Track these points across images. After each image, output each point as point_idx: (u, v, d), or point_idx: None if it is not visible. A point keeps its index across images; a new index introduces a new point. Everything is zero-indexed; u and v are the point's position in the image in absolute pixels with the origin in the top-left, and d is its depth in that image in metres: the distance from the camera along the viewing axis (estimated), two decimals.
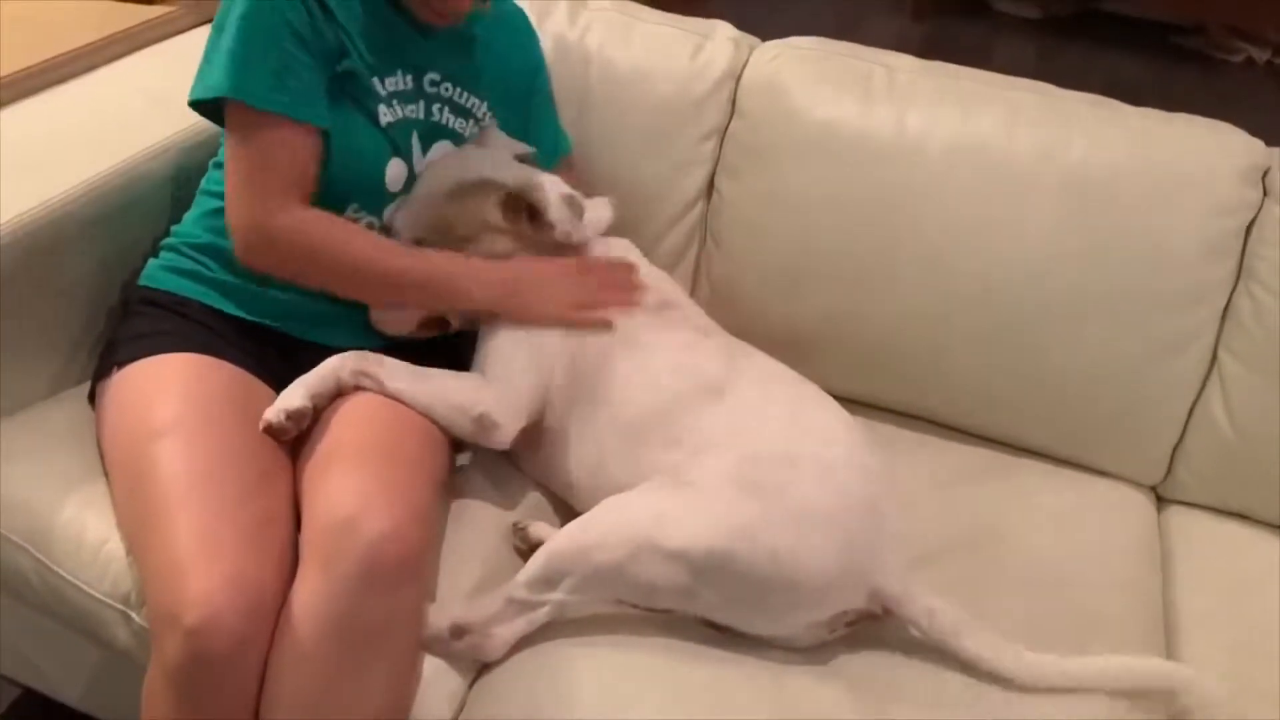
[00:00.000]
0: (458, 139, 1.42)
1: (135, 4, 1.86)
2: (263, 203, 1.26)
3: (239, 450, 1.20)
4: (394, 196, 1.36)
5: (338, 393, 1.27)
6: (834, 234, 1.52)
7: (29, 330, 1.40)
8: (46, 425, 1.37)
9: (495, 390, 1.29)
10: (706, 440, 1.24)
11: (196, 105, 1.31)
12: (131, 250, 1.49)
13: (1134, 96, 1.55)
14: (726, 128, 1.58)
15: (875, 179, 1.50)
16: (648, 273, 1.43)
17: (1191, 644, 1.33)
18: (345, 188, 1.33)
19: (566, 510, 1.34)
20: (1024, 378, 1.50)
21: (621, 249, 1.44)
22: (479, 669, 1.20)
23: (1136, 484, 1.53)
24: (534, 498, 1.38)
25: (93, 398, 1.36)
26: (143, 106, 1.58)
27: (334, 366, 1.26)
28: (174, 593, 1.07)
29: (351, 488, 1.14)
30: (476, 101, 1.44)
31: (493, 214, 1.34)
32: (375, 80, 1.33)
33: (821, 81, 1.55)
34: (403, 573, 1.11)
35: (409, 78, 1.37)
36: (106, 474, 1.27)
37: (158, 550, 1.11)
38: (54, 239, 1.39)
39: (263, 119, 1.25)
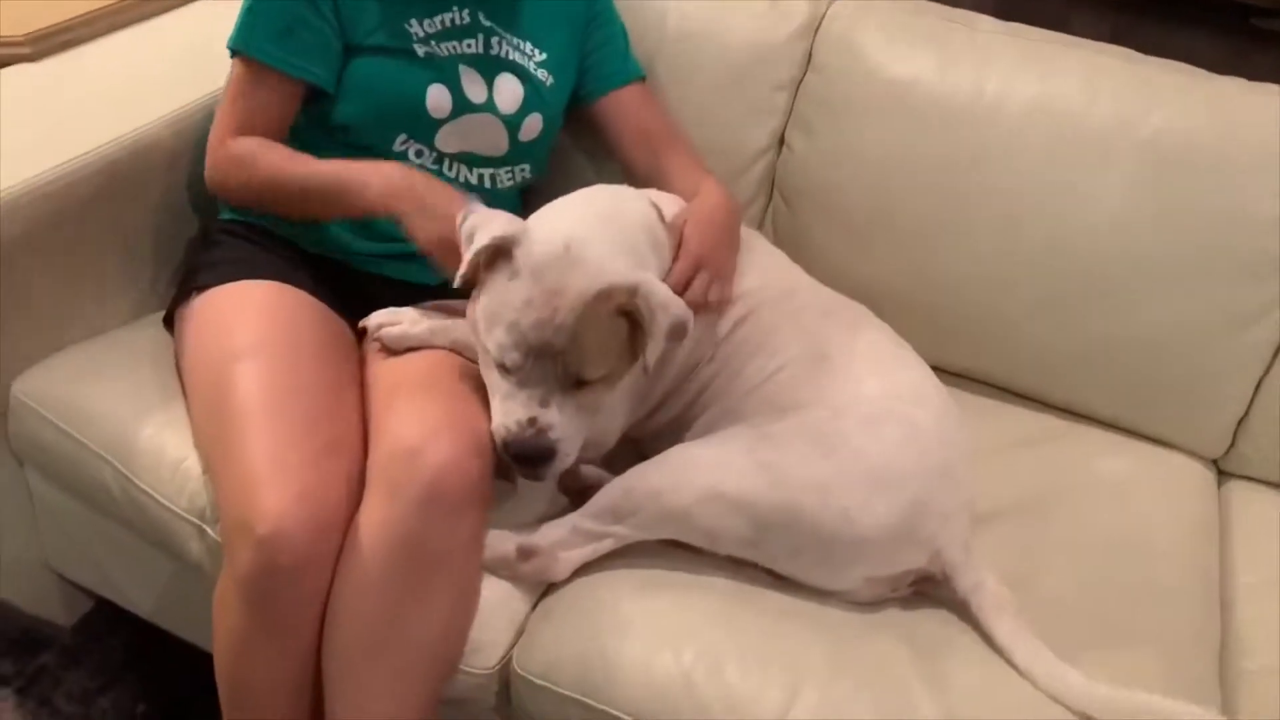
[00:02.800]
0: (522, 72, 1.43)
1: None
2: (230, 132, 1.33)
3: (313, 376, 1.23)
4: (440, 123, 1.38)
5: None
6: (905, 194, 1.52)
7: (114, 256, 1.45)
8: (130, 348, 1.41)
9: (594, 434, 1.26)
10: (797, 400, 1.25)
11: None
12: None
13: None
14: (801, 81, 1.57)
15: (950, 139, 1.49)
16: (769, 259, 1.42)
17: (1246, 619, 1.32)
18: (391, 116, 1.36)
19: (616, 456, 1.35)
20: (1089, 344, 1.49)
21: (747, 235, 1.42)
22: (539, 597, 1.23)
23: (1198, 456, 1.52)
24: None
25: (169, 323, 1.40)
26: (221, 47, 1.61)
27: (460, 335, 1.28)
28: (247, 505, 1.11)
29: (416, 419, 1.17)
30: (522, 41, 1.45)
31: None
32: (408, 24, 1.37)
33: (899, 38, 1.53)
34: (464, 500, 1.14)
35: (464, 13, 1.40)
36: (185, 394, 1.32)
37: (233, 465, 1.15)
38: (138, 168, 1.43)
39: (256, 69, 1.33)
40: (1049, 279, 1.48)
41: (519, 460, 1.15)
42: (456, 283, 1.16)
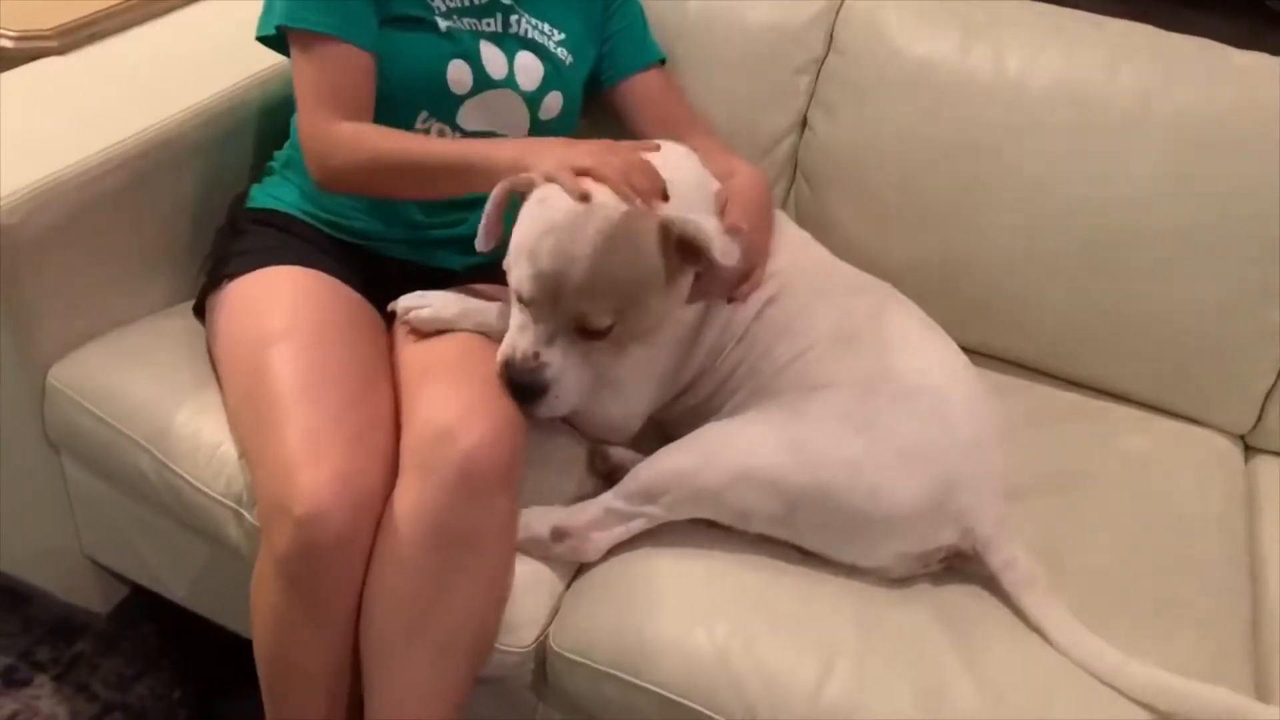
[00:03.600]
0: (541, 50, 1.44)
1: None
2: (324, 115, 1.30)
3: (346, 359, 1.24)
4: (461, 99, 1.38)
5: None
6: (929, 173, 1.52)
7: (144, 246, 1.47)
8: (163, 336, 1.43)
9: (614, 419, 1.32)
10: (827, 379, 1.25)
11: (266, 41, 1.36)
12: (237, 173, 1.54)
13: None
14: (823, 62, 1.58)
15: (973, 118, 1.49)
16: (796, 239, 1.43)
17: (1278, 592, 1.32)
18: (410, 95, 1.37)
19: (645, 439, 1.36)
20: (1116, 321, 1.49)
21: (777, 217, 1.43)
22: (573, 576, 1.25)
23: (1225, 431, 1.52)
24: None
25: (200, 311, 1.42)
26: (250, 35, 1.61)
27: (488, 318, 1.29)
28: (285, 486, 1.12)
29: (447, 401, 1.18)
30: (540, 21, 1.46)
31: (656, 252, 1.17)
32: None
33: (921, 18, 1.54)
34: (496, 480, 1.15)
35: None
36: (219, 380, 1.33)
37: (271, 447, 1.16)
38: (166, 159, 1.44)
39: (317, 40, 1.30)
40: (1074, 256, 1.48)
41: (512, 389, 1.18)
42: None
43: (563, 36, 1.47)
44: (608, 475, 1.32)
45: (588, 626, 1.19)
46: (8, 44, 1.60)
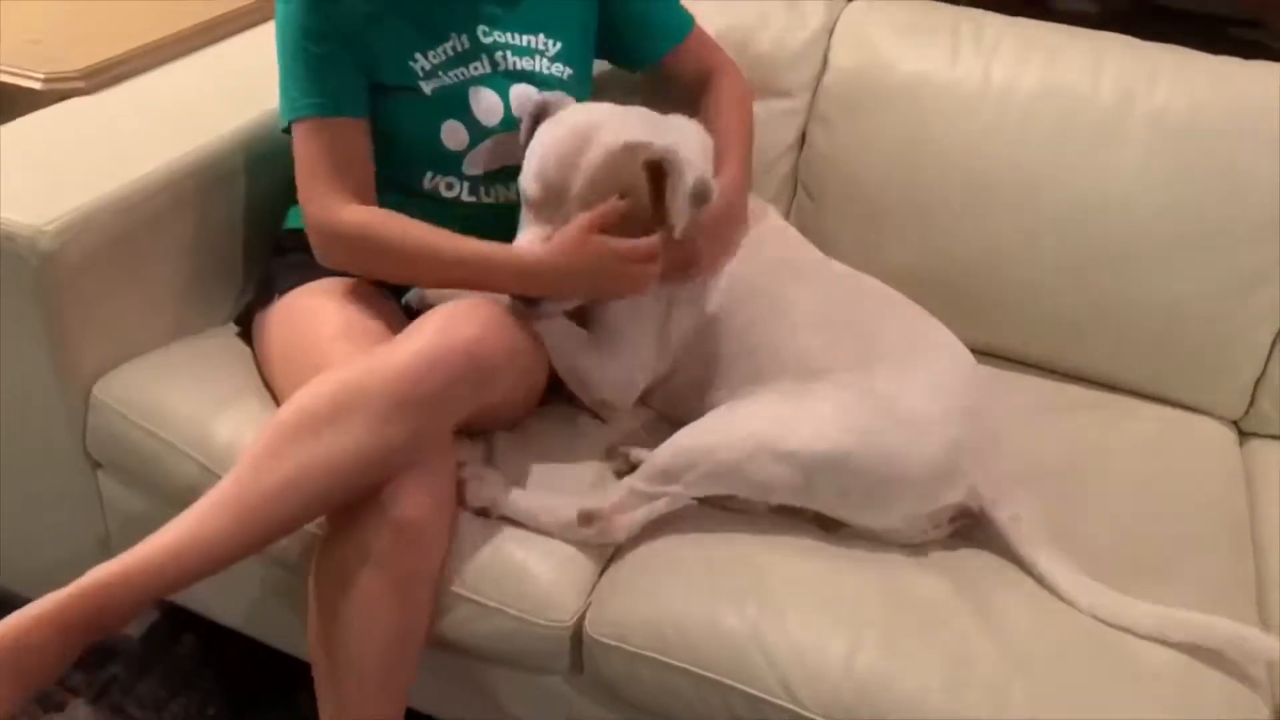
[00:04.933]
0: (535, 78, 1.45)
1: None
2: (325, 203, 1.32)
3: None
4: (461, 156, 1.41)
5: None
6: (924, 180, 1.60)
7: (182, 268, 1.52)
8: (202, 352, 1.48)
9: (613, 376, 1.38)
10: (822, 360, 1.32)
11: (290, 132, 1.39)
12: (265, 199, 1.59)
13: None
14: (819, 80, 1.66)
15: (963, 126, 1.57)
16: (782, 228, 1.52)
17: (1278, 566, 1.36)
18: (411, 158, 1.41)
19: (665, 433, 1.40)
20: (1110, 315, 1.55)
21: (759, 206, 1.52)
22: (606, 563, 1.29)
23: (1220, 417, 1.58)
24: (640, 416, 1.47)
25: (244, 327, 1.48)
26: (269, 72, 1.64)
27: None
28: None
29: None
30: (532, 38, 1.47)
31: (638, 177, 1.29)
32: (413, 60, 1.38)
33: (910, 34, 1.63)
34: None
35: (463, 38, 1.41)
36: (272, 389, 1.39)
37: None
38: (200, 186, 1.50)
39: (309, 125, 1.34)
40: (1067, 252, 1.55)
41: None
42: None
43: (558, 48, 1.48)
44: (628, 473, 1.36)
45: (621, 610, 1.23)
46: (36, 85, 1.66)
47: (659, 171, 1.28)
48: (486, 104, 1.42)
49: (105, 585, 1.07)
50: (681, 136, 1.39)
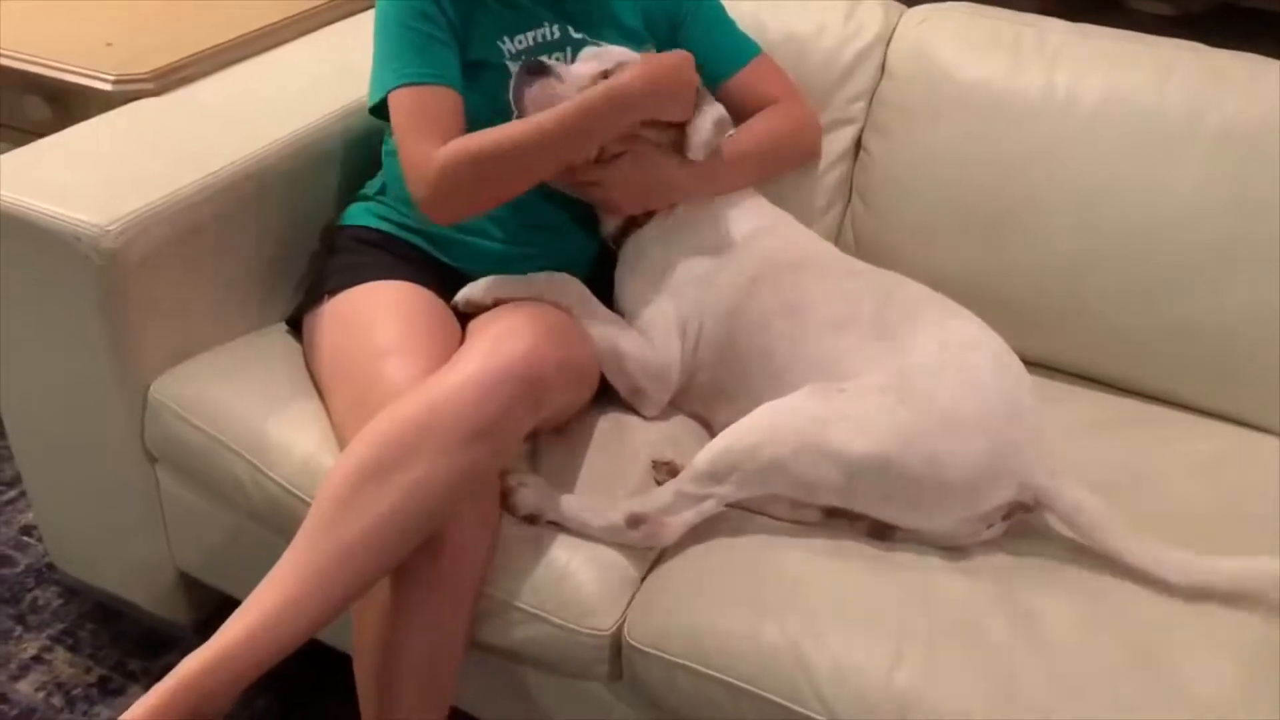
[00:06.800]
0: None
1: None
2: (424, 151, 1.34)
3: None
4: None
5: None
6: (981, 190, 1.57)
7: (240, 268, 1.55)
8: (257, 352, 1.51)
9: (651, 363, 1.40)
10: (858, 364, 1.31)
11: (377, 112, 1.43)
12: (323, 202, 1.63)
13: None
14: (876, 88, 1.65)
15: (1023, 136, 1.55)
16: (803, 231, 1.52)
17: None
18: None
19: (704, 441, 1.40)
20: (1170, 330, 1.52)
21: (755, 208, 1.52)
22: (648, 568, 1.29)
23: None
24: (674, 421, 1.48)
25: (295, 327, 1.49)
26: (332, 75, 1.72)
27: (537, 285, 1.39)
28: None
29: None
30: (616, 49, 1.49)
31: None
32: (501, 41, 1.44)
33: (970, 42, 1.60)
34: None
35: (554, 28, 1.48)
36: (321, 391, 1.40)
37: None
38: (260, 187, 1.53)
39: (415, 91, 1.38)
40: (1127, 267, 1.52)
41: None
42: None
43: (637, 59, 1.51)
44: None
45: (662, 619, 1.23)
46: (106, 87, 1.71)
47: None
48: None
49: (200, 676, 1.08)
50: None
